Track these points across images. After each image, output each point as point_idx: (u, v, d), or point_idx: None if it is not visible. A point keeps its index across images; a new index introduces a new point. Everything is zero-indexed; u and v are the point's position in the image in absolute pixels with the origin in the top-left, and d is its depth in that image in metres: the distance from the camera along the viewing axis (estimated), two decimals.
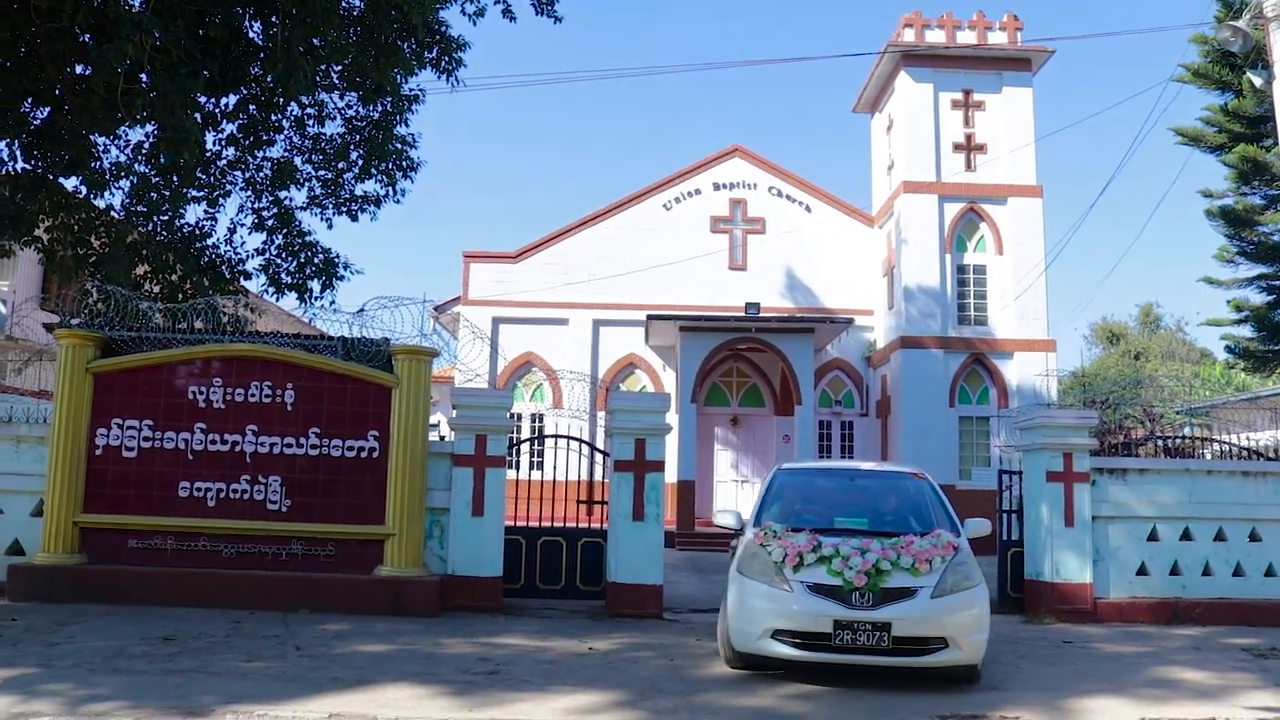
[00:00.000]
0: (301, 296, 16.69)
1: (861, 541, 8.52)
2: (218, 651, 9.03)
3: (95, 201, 16.17)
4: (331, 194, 17.85)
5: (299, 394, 11.88)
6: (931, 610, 8.14)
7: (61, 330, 12.22)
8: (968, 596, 8.30)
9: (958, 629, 8.12)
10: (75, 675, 7.89)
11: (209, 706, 7.09)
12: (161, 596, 11.29)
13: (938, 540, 8.59)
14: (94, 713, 6.90)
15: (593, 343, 27.60)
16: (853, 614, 8.08)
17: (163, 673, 8.11)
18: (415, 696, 7.61)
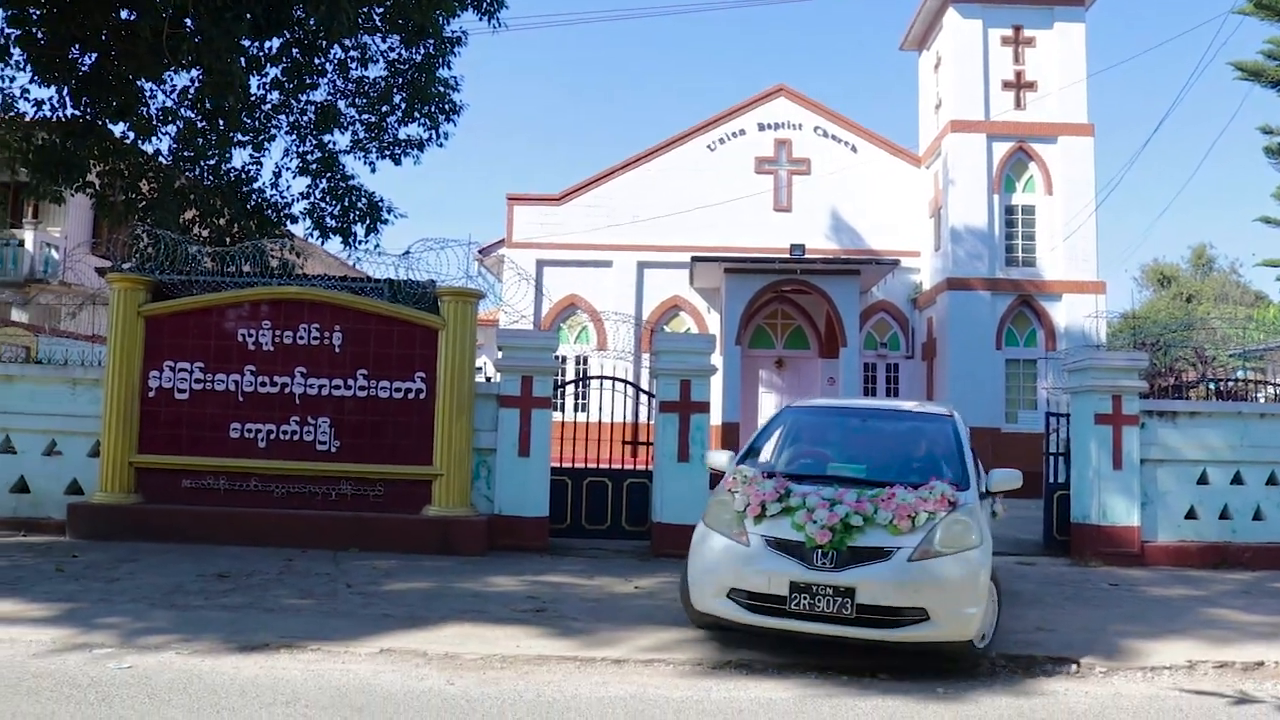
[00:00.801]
0: (346, 240, 16.79)
1: (836, 491, 7.37)
2: (270, 589, 9.21)
3: (143, 147, 16.32)
4: (374, 137, 17.89)
5: (346, 336, 11.97)
6: (907, 575, 6.89)
7: (113, 274, 12.37)
8: (959, 561, 7.02)
9: (941, 599, 6.84)
10: (134, 609, 8.08)
11: (264, 641, 7.24)
12: (215, 535, 11.51)
13: (929, 493, 7.30)
14: (152, 645, 7.08)
15: (637, 285, 27.55)
16: (812, 575, 6.93)
17: (218, 608, 8.29)
18: (464, 633, 7.72)
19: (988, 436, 23.91)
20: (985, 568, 7.17)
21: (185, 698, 5.92)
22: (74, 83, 16.19)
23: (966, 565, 7.04)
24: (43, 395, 12.56)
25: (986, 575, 7.18)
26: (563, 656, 7.19)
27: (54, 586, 8.87)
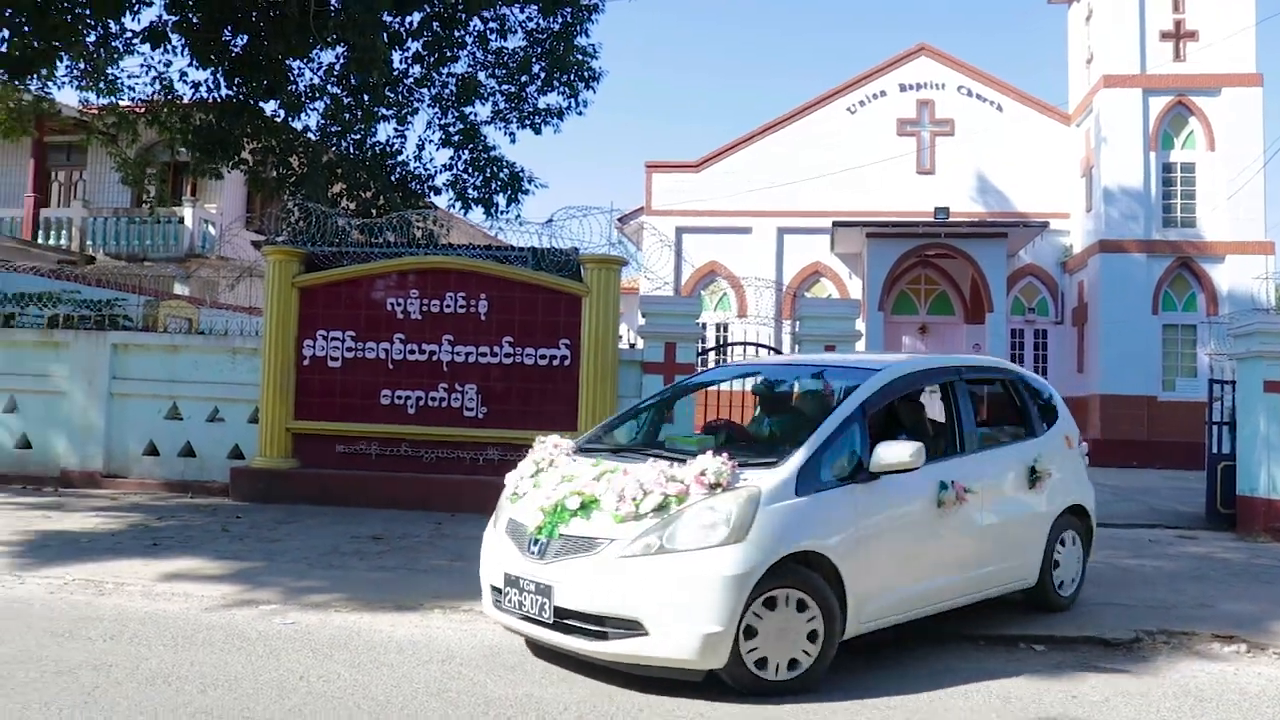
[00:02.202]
0: (488, 210, 17.03)
1: (596, 464, 6.17)
2: (422, 551, 9.43)
3: (293, 123, 16.81)
4: (515, 108, 18.07)
5: (492, 304, 12.14)
6: (612, 575, 5.45)
7: (269, 247, 12.79)
8: (692, 561, 5.38)
9: (660, 607, 5.33)
10: (294, 569, 8.36)
11: (418, 601, 7.41)
12: (367, 499, 11.84)
13: (681, 471, 5.66)
14: (313, 603, 7.31)
15: (777, 251, 27.28)
16: (521, 566, 5.84)
17: (373, 569, 8.53)
18: None
19: (1143, 405, 23.02)
20: (739, 570, 5.34)
21: (346, 653, 6.09)
22: (227, 64, 16.77)
23: (702, 567, 5.36)
24: (205, 364, 13.12)
25: (737, 581, 5.33)
26: None
27: (221, 546, 9.24)
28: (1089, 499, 8.06)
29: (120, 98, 17.35)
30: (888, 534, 6.14)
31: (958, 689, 5.80)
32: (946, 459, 6.78)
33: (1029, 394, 7.90)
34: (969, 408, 7.17)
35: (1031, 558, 7.35)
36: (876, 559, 6.01)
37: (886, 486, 6.13)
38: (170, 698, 5.13)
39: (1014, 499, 7.21)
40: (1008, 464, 7.25)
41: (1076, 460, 8.04)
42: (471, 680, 5.64)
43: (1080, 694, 5.80)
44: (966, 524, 6.70)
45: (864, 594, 5.89)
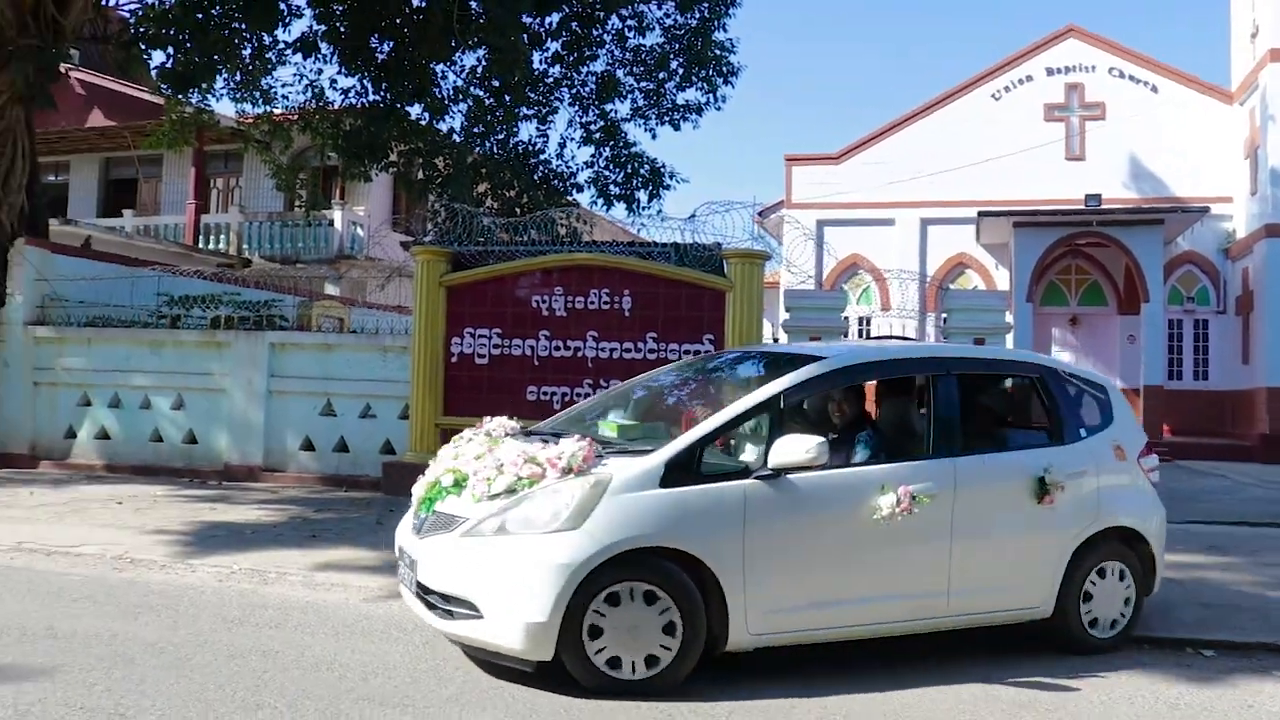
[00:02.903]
0: (630, 206, 17.14)
1: (495, 444, 5.99)
2: None
3: (438, 125, 17.19)
4: (654, 104, 18.15)
5: (636, 300, 12.16)
6: (453, 553, 5.44)
7: (417, 247, 13.09)
8: (526, 545, 5.25)
9: (491, 591, 5.25)
10: None
11: None
12: None
13: (547, 452, 5.49)
14: None
15: (920, 243, 26.75)
16: (406, 539, 5.95)
17: None
18: None
19: None
20: (564, 561, 5.12)
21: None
22: (374, 71, 17.28)
23: (531, 553, 5.21)
24: (357, 362, 13.52)
25: (566, 569, 5.11)
26: None
27: (376, 538, 9.47)
28: (1148, 522, 6.66)
29: (274, 107, 18.02)
30: (798, 540, 5.65)
31: (1122, 691, 5.59)
32: (905, 461, 6.05)
33: (1058, 393, 6.73)
34: (951, 405, 6.28)
35: (1040, 585, 6.27)
36: (777, 565, 5.56)
37: (799, 487, 5.63)
38: (334, 684, 5.28)
39: (1010, 514, 6.22)
40: (1001, 473, 6.29)
41: (1129, 475, 6.73)
42: None
43: (1256, 704, 5.53)
44: (925, 537, 5.91)
45: (758, 601, 5.49)
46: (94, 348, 14.61)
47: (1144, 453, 6.94)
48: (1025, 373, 6.94)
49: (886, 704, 5.32)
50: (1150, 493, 6.84)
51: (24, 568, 8.12)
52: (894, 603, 5.87)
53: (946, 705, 5.32)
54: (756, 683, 5.54)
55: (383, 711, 4.90)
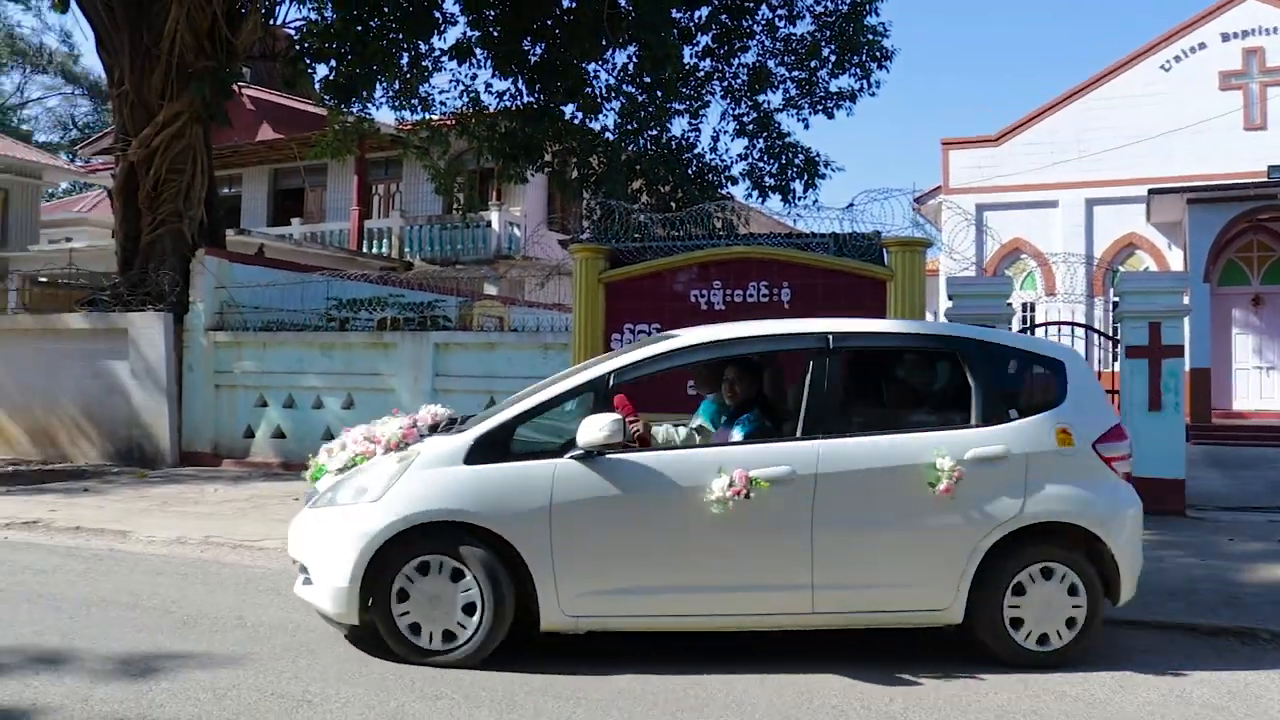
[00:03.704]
0: (785, 197, 16.99)
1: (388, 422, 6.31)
2: None
3: (591, 124, 17.36)
4: (806, 93, 17.95)
5: (795, 292, 12.02)
6: (301, 524, 5.95)
7: (575, 245, 13.22)
8: (340, 515, 5.63)
9: (314, 558, 5.71)
10: None
11: None
12: None
13: (380, 430, 6.10)
14: None
15: (1086, 224, 25.78)
16: None
17: None
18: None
19: None
20: (363, 529, 5.43)
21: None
22: (528, 73, 17.56)
23: (342, 523, 5.56)
24: (519, 360, 13.76)
25: (360, 539, 5.42)
26: None
27: None
28: (1103, 519, 5.76)
29: (432, 113, 18.48)
30: (619, 522, 5.55)
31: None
32: (775, 443, 5.82)
33: (981, 370, 5.94)
34: (825, 384, 5.82)
35: (942, 586, 5.65)
36: (592, 547, 5.53)
37: (621, 468, 5.55)
38: None
39: (897, 504, 5.65)
40: (881, 457, 5.69)
41: (1078, 463, 5.81)
42: None
43: None
44: (777, 526, 5.57)
45: (570, 583, 5.49)
46: (268, 351, 15.24)
47: (1107, 438, 5.90)
48: (943, 347, 6.30)
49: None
50: (1114, 484, 5.86)
51: (212, 560, 8.54)
52: (742, 594, 5.63)
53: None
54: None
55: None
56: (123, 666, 5.35)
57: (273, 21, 17.57)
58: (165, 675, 5.23)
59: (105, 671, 5.27)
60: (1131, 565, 5.83)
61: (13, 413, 16.24)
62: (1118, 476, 5.87)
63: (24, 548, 8.98)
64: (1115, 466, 5.87)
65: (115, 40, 15.12)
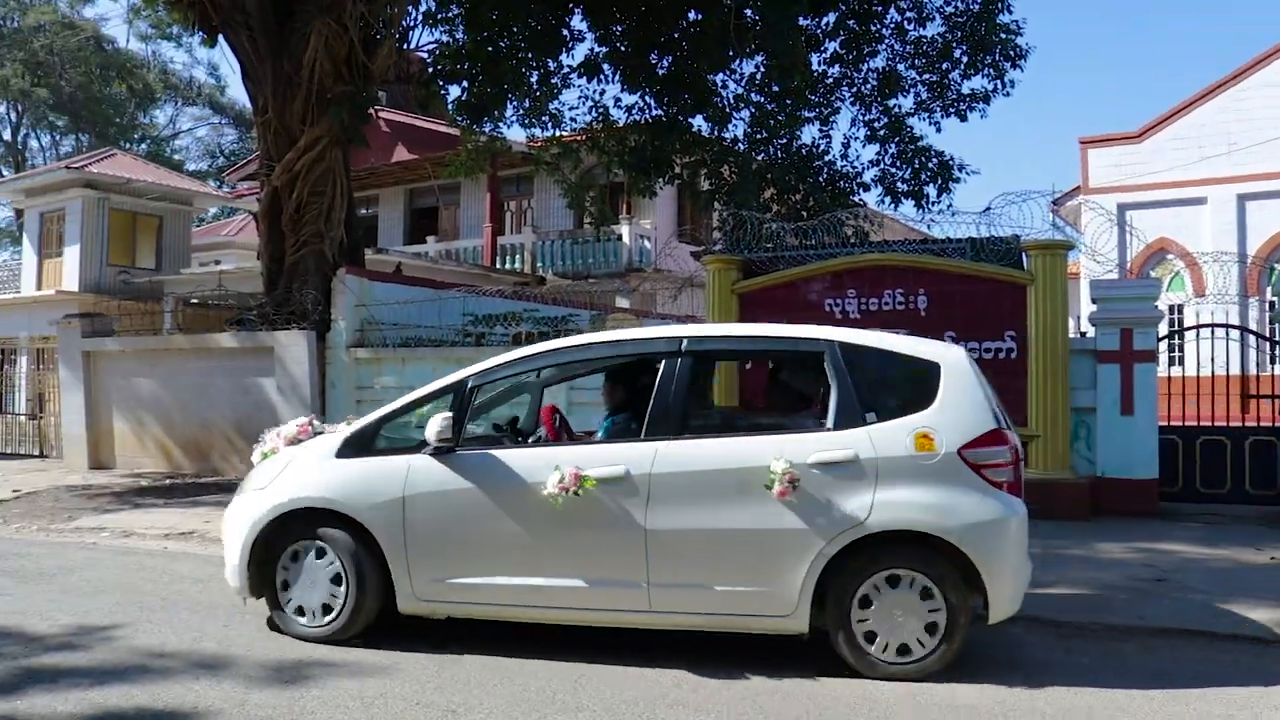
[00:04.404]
0: (918, 203, 16.72)
1: None
2: None
3: (720, 135, 17.35)
4: (938, 96, 17.64)
5: (931, 299, 11.81)
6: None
7: (708, 256, 13.25)
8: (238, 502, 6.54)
9: (225, 540, 6.55)
10: None
11: None
12: None
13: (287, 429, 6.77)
14: None
15: (1238, 221, 24.71)
16: None
17: None
18: (1079, 603, 7.30)
19: None
20: (247, 514, 6.27)
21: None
22: (655, 86, 17.67)
23: (237, 508, 6.43)
24: None
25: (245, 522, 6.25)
26: (1195, 631, 6.56)
27: None
28: (965, 529, 5.45)
29: (562, 129, 18.72)
30: (466, 514, 5.92)
31: None
32: (602, 444, 6.10)
33: (841, 373, 5.79)
34: (671, 388, 5.89)
35: (783, 592, 5.52)
36: (440, 536, 5.95)
37: (470, 464, 5.96)
38: None
39: (733, 507, 5.58)
40: (718, 460, 5.70)
41: (938, 470, 5.54)
42: None
43: None
44: (611, 523, 5.69)
45: (421, 569, 5.95)
46: (407, 366, 15.57)
47: (977, 444, 5.58)
48: (804, 350, 6.21)
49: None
50: (983, 492, 5.53)
51: None
52: (584, 590, 5.79)
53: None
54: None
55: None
56: (275, 673, 5.53)
57: (406, 46, 18.02)
58: (315, 683, 5.39)
59: (259, 678, 5.46)
60: (1002, 577, 5.52)
61: (169, 428, 16.95)
62: (988, 484, 5.55)
63: (182, 557, 9.36)
64: (986, 474, 5.55)
65: (259, 70, 15.69)
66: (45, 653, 5.86)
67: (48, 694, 5.14)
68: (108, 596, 7.12)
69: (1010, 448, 5.69)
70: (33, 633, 6.29)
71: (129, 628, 6.39)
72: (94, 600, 7.02)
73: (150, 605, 7.01)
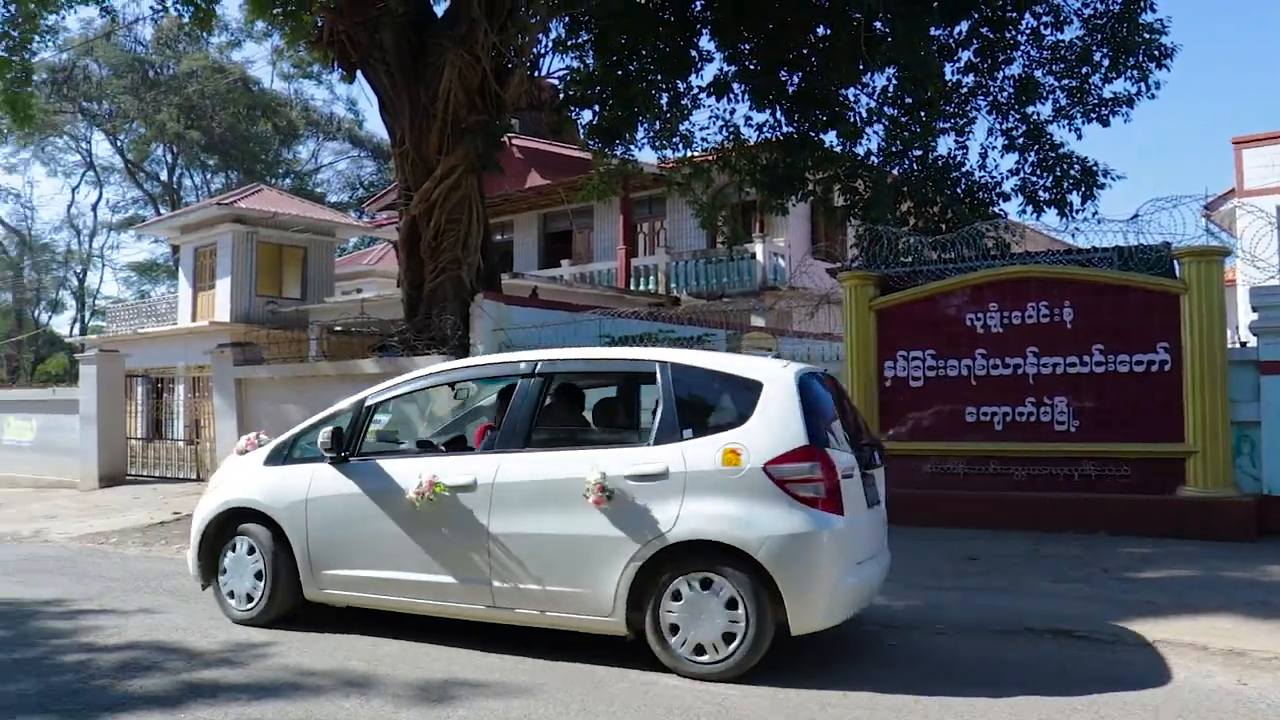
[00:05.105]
0: (1061, 211, 16.19)
1: None
2: (1022, 572, 9.07)
3: (853, 150, 17.14)
4: (1078, 101, 17.08)
5: (1077, 310, 11.42)
6: None
7: (844, 273, 13.10)
8: (201, 500, 7.92)
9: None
10: (890, 589, 8.25)
11: (1026, 625, 7.10)
12: (957, 518, 11.56)
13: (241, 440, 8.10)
14: (904, 625, 7.27)
15: None
16: None
17: (973, 591, 8.33)
18: (1248, 627, 6.92)
19: None
20: (199, 512, 7.61)
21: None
22: (785, 103, 17.56)
23: (197, 508, 7.74)
24: None
25: (198, 518, 7.56)
26: None
27: None
28: (763, 540, 5.68)
29: (692, 149, 18.73)
30: (346, 513, 6.83)
31: None
32: (461, 455, 6.90)
33: (665, 392, 6.18)
34: (523, 405, 6.59)
35: (603, 594, 5.97)
36: (332, 532, 6.87)
37: (360, 471, 6.87)
38: None
39: (559, 515, 6.11)
40: (546, 471, 6.27)
41: (743, 484, 5.78)
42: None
43: None
44: (459, 526, 6.41)
45: (318, 562, 6.92)
46: None
47: (783, 459, 5.77)
48: (638, 370, 6.74)
49: None
50: (788, 506, 5.73)
51: None
52: (438, 584, 6.51)
53: None
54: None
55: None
56: (421, 693, 5.62)
57: (537, 74, 18.26)
58: (461, 703, 5.45)
59: (406, 697, 5.55)
60: (804, 589, 5.71)
61: None
62: (794, 499, 5.73)
63: None
64: (791, 489, 5.74)
65: (396, 103, 16.10)
66: (205, 668, 6.07)
67: (208, 708, 5.33)
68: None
69: (818, 464, 5.80)
70: (194, 649, 6.54)
71: (282, 645, 6.58)
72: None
73: (297, 624, 7.18)
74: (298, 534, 6.96)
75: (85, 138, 53.51)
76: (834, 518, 5.78)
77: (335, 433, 6.84)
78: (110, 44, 45.82)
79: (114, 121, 50.57)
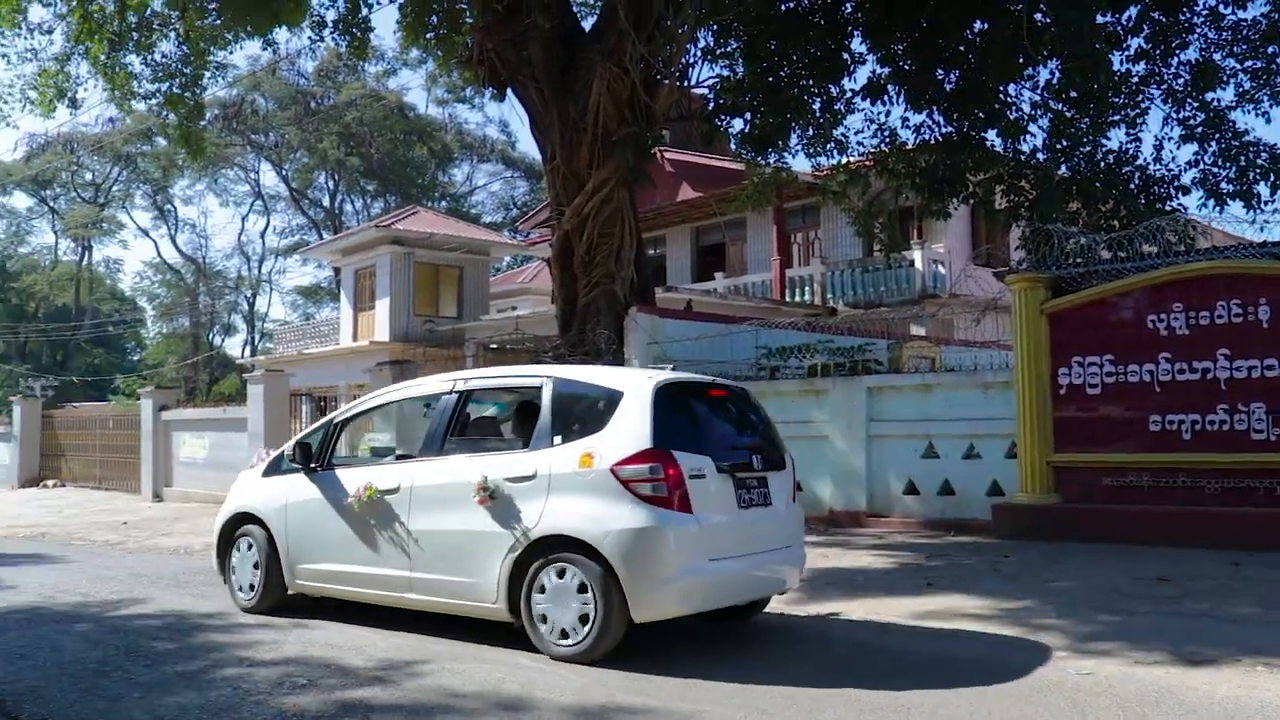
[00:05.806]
0: (1248, 204, 15.09)
1: None
2: (1223, 595, 8.35)
3: (1017, 148, 16.40)
4: (1264, 84, 15.95)
5: (1274, 309, 10.56)
6: None
7: (1012, 276, 12.47)
8: None
9: None
10: (1074, 612, 7.84)
11: (1233, 655, 6.45)
12: (1141, 535, 10.82)
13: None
14: (1100, 650, 6.75)
15: None
16: None
17: (1165, 614, 7.71)
18: None
19: None
20: (219, 517, 8.85)
21: (1159, 712, 5.40)
22: (943, 103, 16.89)
23: None
24: (957, 401, 13.05)
25: (219, 523, 8.79)
26: None
27: (993, 585, 9.00)
28: (605, 535, 6.33)
29: (848, 155, 18.23)
30: (313, 515, 7.89)
31: None
32: (397, 463, 7.84)
33: (547, 403, 7.02)
34: (441, 417, 7.58)
35: (487, 584, 6.81)
36: (303, 532, 7.96)
37: (326, 479, 7.92)
38: None
39: (456, 514, 7.00)
40: (446, 474, 7.22)
41: (593, 484, 6.50)
42: None
43: None
44: (388, 523, 7.38)
45: (297, 556, 7.99)
46: None
47: (628, 461, 6.43)
48: (530, 384, 7.44)
49: None
50: (632, 504, 6.36)
51: None
52: (373, 574, 7.48)
53: None
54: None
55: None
56: (580, 716, 5.42)
57: (686, 84, 18.06)
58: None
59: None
60: (640, 580, 6.28)
61: None
62: (637, 498, 6.34)
63: None
64: (634, 488, 6.36)
65: (546, 119, 16.13)
66: (359, 687, 6.00)
67: None
68: (411, 635, 7.35)
69: (660, 465, 6.39)
70: (347, 666, 6.49)
71: (434, 664, 6.49)
72: (400, 638, 7.25)
73: (440, 642, 7.11)
74: (280, 534, 8.08)
75: (253, 168, 56.12)
76: (679, 515, 6.37)
77: (303, 447, 8.06)
78: (275, 78, 47.81)
79: (279, 151, 52.81)
